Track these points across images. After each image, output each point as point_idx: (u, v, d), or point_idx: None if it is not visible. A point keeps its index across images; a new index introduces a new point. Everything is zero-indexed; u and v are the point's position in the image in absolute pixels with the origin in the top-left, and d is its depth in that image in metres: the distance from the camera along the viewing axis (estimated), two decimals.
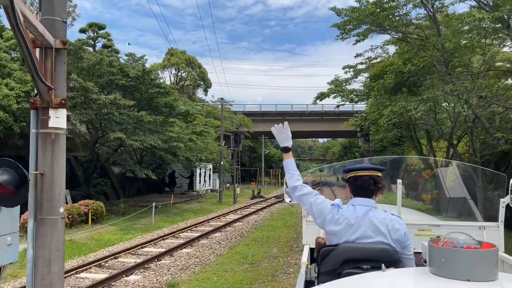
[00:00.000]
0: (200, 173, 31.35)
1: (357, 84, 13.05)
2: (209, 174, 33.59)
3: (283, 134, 2.65)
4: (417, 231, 3.68)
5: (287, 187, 2.81)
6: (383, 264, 1.80)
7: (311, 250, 3.67)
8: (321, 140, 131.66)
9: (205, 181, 32.78)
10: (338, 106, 12.58)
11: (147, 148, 18.08)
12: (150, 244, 11.78)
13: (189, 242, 11.99)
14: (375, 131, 19.69)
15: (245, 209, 21.92)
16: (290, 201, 3.28)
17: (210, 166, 32.94)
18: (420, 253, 2.43)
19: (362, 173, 2.44)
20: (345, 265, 2.21)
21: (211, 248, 11.44)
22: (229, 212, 20.05)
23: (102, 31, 38.92)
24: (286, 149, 2.63)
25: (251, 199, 29.26)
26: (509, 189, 3.37)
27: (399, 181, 3.93)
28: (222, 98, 26.48)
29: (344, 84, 11.37)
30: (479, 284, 1.40)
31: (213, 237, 13.28)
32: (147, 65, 27.86)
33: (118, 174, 30.99)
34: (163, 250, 10.90)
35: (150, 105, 19.86)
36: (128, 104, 16.77)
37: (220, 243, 12.16)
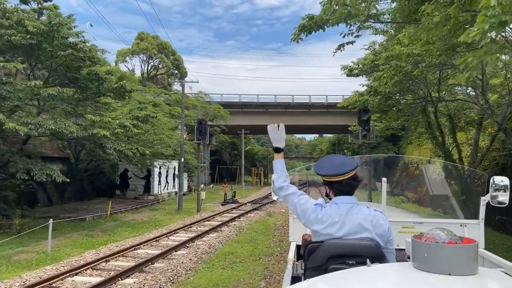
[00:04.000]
0: (160, 172, 25.48)
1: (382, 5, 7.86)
2: (173, 174, 27.74)
3: (277, 134, 2.60)
4: (401, 228, 3.54)
5: (274, 185, 2.76)
6: (368, 260, 1.85)
7: (298, 247, 3.45)
8: (308, 138, 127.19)
9: (167, 182, 26.92)
10: (341, 46, 7.08)
11: (44, 134, 12.27)
12: None
13: None
14: (382, 113, 14.19)
15: (206, 222, 16.24)
16: (277, 199, 2.97)
17: (175, 164, 27.09)
18: (404, 249, 2.52)
19: (343, 178, 2.35)
20: (331, 261, 2.19)
21: None
22: (181, 228, 14.35)
23: (48, 3, 32.67)
24: (277, 149, 2.61)
25: (222, 205, 23.61)
26: (490, 187, 3.22)
27: (384, 179, 3.79)
28: (183, 78, 20.63)
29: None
30: (460, 278, 1.44)
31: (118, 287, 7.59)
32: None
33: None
34: None
35: (66, 76, 14.02)
36: (11, 67, 10.92)
37: None
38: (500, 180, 3.14)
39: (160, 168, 25.29)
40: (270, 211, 20.56)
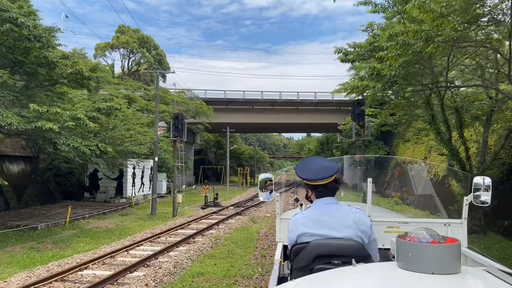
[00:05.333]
0: (134, 172, 23.22)
1: None
2: (150, 174, 25.51)
3: None
4: (386, 228, 3.53)
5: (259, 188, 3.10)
6: (353, 260, 1.84)
7: (284, 247, 3.38)
8: (296, 137, 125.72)
9: (142, 183, 24.66)
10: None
11: None
12: None
13: None
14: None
15: (179, 230, 14.13)
16: (263, 199, 3.15)
17: (152, 163, 24.86)
18: (389, 249, 2.74)
19: (328, 181, 2.36)
20: (316, 261, 2.20)
21: None
22: (147, 239, 12.21)
23: None
24: None
25: (202, 208, 21.50)
26: (472, 187, 3.26)
27: (370, 179, 3.77)
28: (157, 67, 18.48)
29: None
30: (443, 276, 1.44)
31: None
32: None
33: (17, 173, 22.46)
34: None
35: (8, 58, 11.76)
36: None
37: None
38: (483, 180, 3.14)
39: (134, 168, 23.04)
40: (254, 215, 18.54)
